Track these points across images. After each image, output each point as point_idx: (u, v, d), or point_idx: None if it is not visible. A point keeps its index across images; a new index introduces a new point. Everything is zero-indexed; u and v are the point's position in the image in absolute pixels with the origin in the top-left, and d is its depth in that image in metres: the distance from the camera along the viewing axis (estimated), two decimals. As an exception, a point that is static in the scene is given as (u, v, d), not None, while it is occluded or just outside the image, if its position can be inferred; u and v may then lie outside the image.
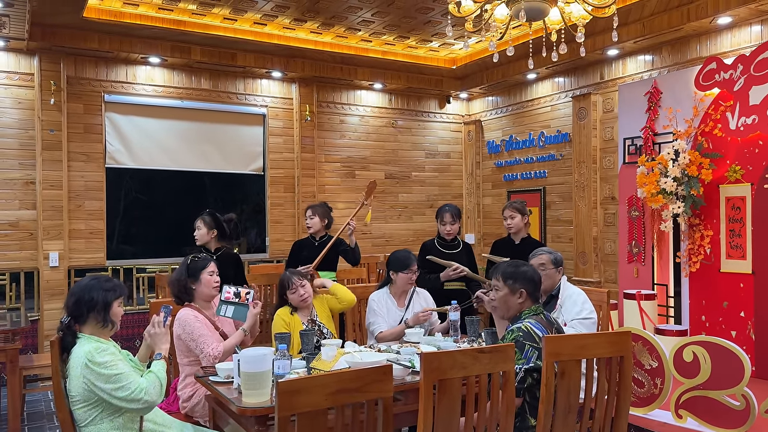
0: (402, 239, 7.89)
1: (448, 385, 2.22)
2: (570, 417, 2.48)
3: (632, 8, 5.42)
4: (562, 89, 7.05)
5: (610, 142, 6.44)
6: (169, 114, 6.62)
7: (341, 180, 7.57)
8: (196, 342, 3.16)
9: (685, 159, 4.94)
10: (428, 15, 5.97)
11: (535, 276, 2.86)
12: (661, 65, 5.85)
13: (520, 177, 7.68)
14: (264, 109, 7.11)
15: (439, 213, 4.62)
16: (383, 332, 3.80)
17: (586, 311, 3.53)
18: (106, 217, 6.26)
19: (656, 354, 3.58)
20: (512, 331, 2.68)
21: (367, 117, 7.79)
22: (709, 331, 4.91)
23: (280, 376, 2.70)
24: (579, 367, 2.47)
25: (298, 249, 4.97)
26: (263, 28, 6.29)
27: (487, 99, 8.18)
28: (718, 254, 4.95)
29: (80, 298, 2.59)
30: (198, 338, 3.16)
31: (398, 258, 3.97)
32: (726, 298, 4.89)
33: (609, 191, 6.48)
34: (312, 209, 4.95)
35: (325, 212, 4.94)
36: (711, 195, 4.97)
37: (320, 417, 2.00)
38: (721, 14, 4.98)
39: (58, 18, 5.37)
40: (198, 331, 3.18)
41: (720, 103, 4.95)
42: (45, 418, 4.82)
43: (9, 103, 5.85)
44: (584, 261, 6.66)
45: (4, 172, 5.81)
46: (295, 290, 3.60)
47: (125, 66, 6.32)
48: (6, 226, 5.81)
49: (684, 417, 3.50)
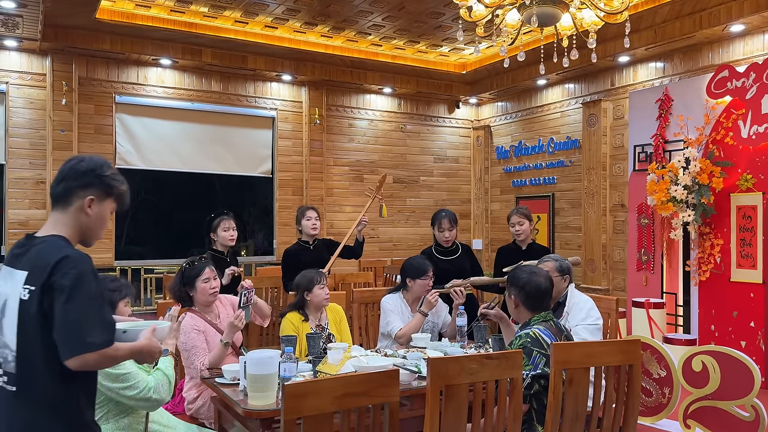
0: (409, 243, 7.87)
1: (455, 391, 2.21)
2: (577, 425, 2.46)
3: (644, 15, 5.40)
4: (572, 95, 7.03)
5: (620, 149, 6.41)
6: (180, 116, 6.64)
7: (349, 183, 7.57)
8: (188, 353, 3.19)
9: (695, 167, 4.91)
10: (439, 20, 5.97)
11: (530, 284, 2.78)
12: (673, 72, 5.82)
13: (528, 183, 7.65)
14: (273, 112, 7.13)
15: (436, 219, 4.43)
16: (402, 329, 3.78)
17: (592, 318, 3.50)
18: (115, 217, 6.28)
19: (665, 363, 3.54)
20: (520, 337, 2.67)
21: (376, 121, 7.80)
22: (718, 340, 4.87)
23: (286, 379, 2.70)
24: (587, 375, 2.45)
25: (294, 256, 4.68)
26: (274, 32, 6.31)
27: (497, 104, 8.17)
28: (729, 263, 4.91)
29: None
30: (190, 349, 3.18)
31: (414, 265, 3.95)
32: (736, 308, 4.84)
33: (618, 198, 6.45)
34: (317, 211, 4.83)
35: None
36: (722, 204, 4.93)
37: (326, 421, 1.99)
38: (734, 22, 4.96)
39: (71, 19, 5.41)
40: (191, 342, 3.19)
41: (732, 111, 4.92)
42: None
43: (21, 102, 5.89)
44: (593, 268, 6.62)
45: (15, 172, 5.85)
46: (324, 286, 3.61)
47: (136, 67, 6.35)
48: (16, 225, 5.84)
49: (692, 427, 3.46)
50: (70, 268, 1.72)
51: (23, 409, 1.75)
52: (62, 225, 1.87)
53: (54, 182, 1.88)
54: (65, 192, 1.86)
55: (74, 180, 1.86)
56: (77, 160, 1.91)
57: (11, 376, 1.76)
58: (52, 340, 1.71)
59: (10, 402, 1.76)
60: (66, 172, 1.87)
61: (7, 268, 1.86)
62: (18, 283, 1.77)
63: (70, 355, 1.68)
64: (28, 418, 1.75)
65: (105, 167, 1.93)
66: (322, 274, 3.68)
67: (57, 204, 1.88)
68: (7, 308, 1.79)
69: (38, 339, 1.73)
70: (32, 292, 1.73)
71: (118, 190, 1.94)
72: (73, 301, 1.69)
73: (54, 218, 1.88)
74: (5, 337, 1.78)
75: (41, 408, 1.74)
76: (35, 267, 1.75)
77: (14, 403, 1.76)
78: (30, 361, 1.74)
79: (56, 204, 1.88)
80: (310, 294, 3.60)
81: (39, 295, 1.72)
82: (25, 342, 1.74)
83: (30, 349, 1.74)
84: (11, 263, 1.85)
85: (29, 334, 1.74)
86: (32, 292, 1.73)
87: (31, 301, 1.73)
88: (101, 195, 1.90)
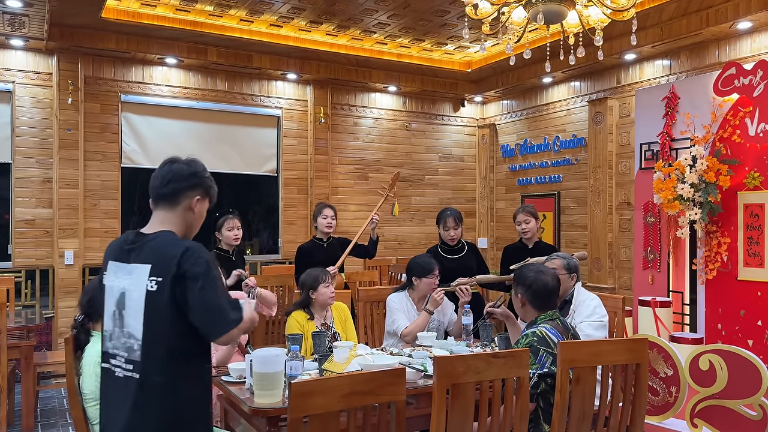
0: (414, 242, 7.87)
1: (462, 390, 2.21)
2: (584, 424, 2.45)
3: (650, 12, 5.37)
4: (578, 93, 7.01)
5: (626, 147, 6.39)
6: (185, 115, 6.65)
7: (354, 182, 7.57)
8: None
9: (702, 165, 4.88)
10: (444, 17, 5.95)
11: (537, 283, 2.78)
12: (679, 70, 5.79)
13: (534, 181, 7.63)
14: (278, 110, 7.13)
15: (441, 218, 4.45)
16: (408, 327, 3.78)
17: (597, 315, 3.49)
18: (122, 216, 6.30)
19: (671, 362, 3.53)
20: (527, 336, 2.66)
21: (381, 119, 7.79)
22: (725, 339, 4.84)
23: (292, 377, 2.70)
24: (594, 374, 2.45)
25: (308, 253, 4.77)
26: (279, 30, 6.31)
27: (502, 102, 8.15)
28: (736, 262, 4.88)
29: (94, 296, 2.60)
30: None
31: (420, 264, 3.94)
32: (743, 307, 4.82)
33: (624, 197, 6.42)
34: (333, 209, 4.85)
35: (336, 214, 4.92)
36: (729, 202, 4.90)
37: (332, 419, 1.99)
38: (741, 19, 4.93)
39: (77, 18, 5.42)
40: None
41: (739, 109, 4.89)
42: (58, 415, 4.85)
43: (28, 102, 5.91)
44: (599, 267, 6.60)
45: (21, 171, 5.87)
46: (329, 285, 3.61)
47: (142, 66, 6.36)
48: (23, 224, 5.87)
49: (699, 426, 3.45)
50: (198, 258, 1.89)
51: (146, 394, 1.88)
52: (170, 222, 2.04)
53: (159, 184, 2.05)
54: (173, 192, 2.03)
55: (183, 181, 2.04)
56: (181, 163, 2.09)
57: (136, 364, 1.89)
58: (182, 325, 1.88)
59: (133, 389, 1.89)
60: (173, 174, 2.04)
61: (116, 263, 2.01)
62: (141, 276, 1.91)
63: (219, 334, 1.89)
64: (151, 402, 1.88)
65: (205, 170, 2.14)
66: (327, 272, 3.69)
67: (163, 203, 2.05)
68: (128, 300, 1.94)
69: (167, 326, 1.88)
70: (160, 283, 1.88)
71: (213, 190, 2.13)
72: (208, 287, 1.87)
73: (161, 216, 2.05)
74: (129, 328, 1.92)
75: (162, 391, 1.88)
76: (158, 260, 1.91)
77: (137, 389, 1.88)
78: (155, 347, 1.89)
79: (162, 203, 2.05)
80: (315, 293, 3.60)
81: (170, 285, 1.87)
82: (152, 330, 1.89)
83: (156, 337, 1.89)
84: (121, 259, 2.00)
85: (157, 322, 1.88)
86: (160, 282, 1.88)
87: (160, 291, 1.88)
88: (203, 195, 2.09)
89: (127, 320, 1.93)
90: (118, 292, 1.97)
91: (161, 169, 2.07)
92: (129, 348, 1.91)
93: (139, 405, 1.88)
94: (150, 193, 2.08)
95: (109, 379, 1.98)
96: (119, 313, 1.95)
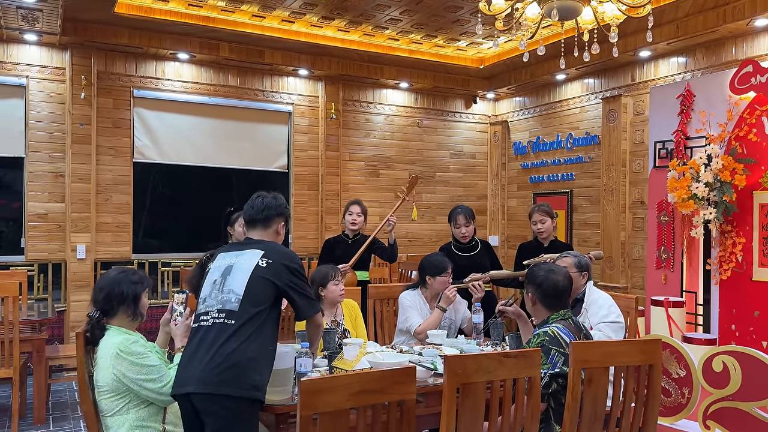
0: (425, 239, 7.85)
1: (472, 389, 2.19)
2: (596, 425, 2.42)
3: (666, 9, 5.31)
4: (591, 90, 6.95)
5: (641, 145, 6.32)
6: (197, 110, 6.66)
7: (365, 179, 7.56)
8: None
9: (718, 164, 4.82)
10: (457, 13, 5.92)
11: (547, 282, 2.74)
12: (695, 67, 5.72)
13: (546, 179, 7.58)
14: (290, 106, 7.13)
15: (452, 216, 4.48)
16: (421, 325, 3.76)
17: (614, 315, 3.45)
18: (133, 210, 6.33)
19: (684, 363, 3.49)
20: (538, 335, 2.63)
21: (392, 116, 7.77)
22: (739, 340, 4.79)
23: (302, 374, 2.70)
24: (606, 375, 2.42)
25: (330, 247, 4.88)
26: (291, 26, 6.30)
27: (515, 99, 8.10)
28: (750, 262, 4.82)
29: (110, 291, 2.61)
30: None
31: (433, 263, 3.93)
32: (757, 308, 4.76)
33: (638, 195, 6.37)
34: (360, 206, 4.87)
35: (366, 211, 4.92)
36: (744, 201, 4.84)
37: (342, 417, 1.98)
38: (759, 16, 4.86)
39: (90, 13, 5.44)
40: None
41: (756, 108, 4.82)
42: (69, 408, 4.88)
43: (41, 96, 5.95)
44: (611, 266, 6.55)
45: (34, 165, 5.91)
46: (338, 282, 3.60)
47: (154, 62, 6.38)
48: (35, 218, 5.91)
49: (712, 428, 3.41)
50: (297, 259, 2.65)
51: (237, 337, 2.39)
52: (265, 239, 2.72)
53: (255, 211, 2.74)
54: (267, 218, 2.73)
55: (274, 210, 2.75)
56: (271, 196, 2.78)
57: (233, 314, 2.43)
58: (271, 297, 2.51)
59: (227, 332, 2.40)
60: (267, 204, 2.74)
61: (226, 253, 2.64)
62: (253, 256, 2.55)
63: (311, 315, 2.65)
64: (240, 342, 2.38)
65: (286, 203, 2.85)
66: (337, 270, 3.68)
67: (258, 225, 2.73)
68: (235, 269, 2.53)
69: (264, 290, 2.50)
70: (270, 264, 2.53)
71: (290, 217, 2.87)
72: (304, 281, 2.61)
73: (258, 235, 2.73)
74: (231, 286, 2.49)
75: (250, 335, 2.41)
76: (270, 250, 2.59)
77: (230, 333, 2.40)
78: (249, 303, 2.45)
79: (257, 225, 2.73)
80: (325, 290, 3.60)
81: (276, 267, 2.53)
82: (251, 291, 2.47)
83: (252, 296, 2.46)
84: (231, 250, 2.65)
85: (256, 286, 2.48)
86: (270, 263, 2.53)
87: (269, 267, 2.52)
88: (285, 221, 2.81)
89: (229, 282, 2.50)
90: (225, 266, 2.56)
91: (255, 200, 2.75)
92: (226, 301, 2.46)
93: (229, 343, 2.37)
94: (244, 217, 2.77)
95: (198, 332, 2.46)
96: (222, 280, 2.52)
